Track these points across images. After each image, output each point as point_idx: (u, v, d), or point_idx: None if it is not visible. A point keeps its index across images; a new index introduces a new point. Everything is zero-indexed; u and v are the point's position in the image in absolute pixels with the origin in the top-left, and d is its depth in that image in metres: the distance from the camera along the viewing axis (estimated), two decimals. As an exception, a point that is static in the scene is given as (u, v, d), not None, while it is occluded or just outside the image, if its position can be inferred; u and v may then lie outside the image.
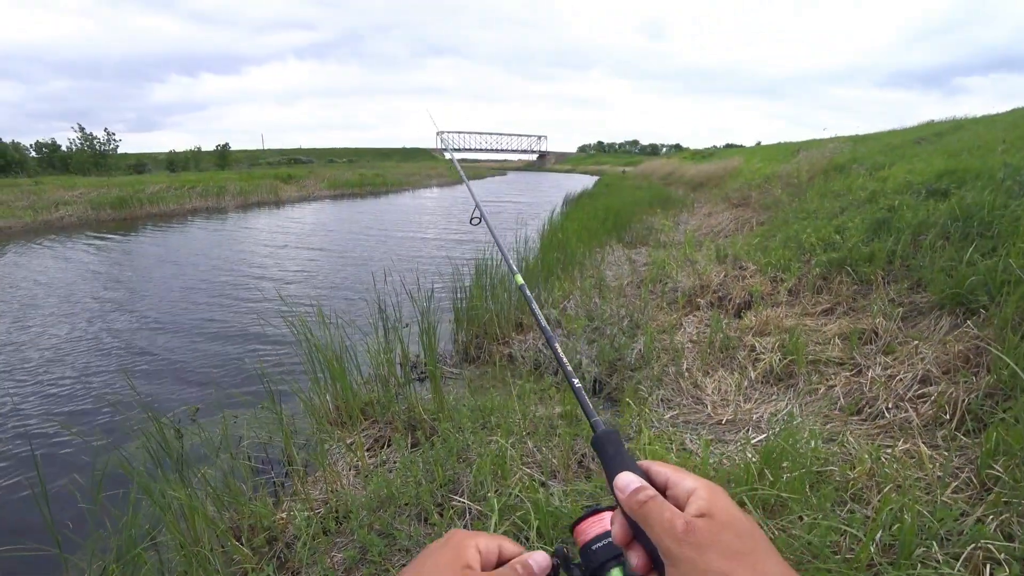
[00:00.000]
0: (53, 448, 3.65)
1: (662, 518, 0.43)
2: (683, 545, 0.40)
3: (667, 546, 0.41)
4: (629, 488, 0.47)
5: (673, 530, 0.41)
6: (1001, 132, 7.63)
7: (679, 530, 0.41)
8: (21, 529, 2.44)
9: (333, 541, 2.29)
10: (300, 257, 10.81)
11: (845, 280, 4.45)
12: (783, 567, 0.40)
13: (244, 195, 22.92)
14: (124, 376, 4.86)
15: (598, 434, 0.56)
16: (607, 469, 0.52)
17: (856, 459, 2.37)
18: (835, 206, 6.34)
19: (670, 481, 0.47)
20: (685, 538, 0.41)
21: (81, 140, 33.49)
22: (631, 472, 0.49)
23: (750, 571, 0.39)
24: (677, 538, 0.41)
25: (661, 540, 0.42)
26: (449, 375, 4.37)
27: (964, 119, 11.80)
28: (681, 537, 0.41)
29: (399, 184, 34.47)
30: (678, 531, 0.41)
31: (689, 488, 0.45)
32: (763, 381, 3.53)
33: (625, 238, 9.39)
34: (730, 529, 0.41)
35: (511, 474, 2.41)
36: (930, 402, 2.77)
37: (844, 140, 14.17)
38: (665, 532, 0.42)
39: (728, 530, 0.41)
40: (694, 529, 0.41)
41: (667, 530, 0.42)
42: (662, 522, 0.43)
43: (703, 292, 5.26)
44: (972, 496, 2.07)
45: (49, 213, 16.54)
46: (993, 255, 3.52)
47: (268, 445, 3.30)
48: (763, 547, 0.41)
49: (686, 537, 0.41)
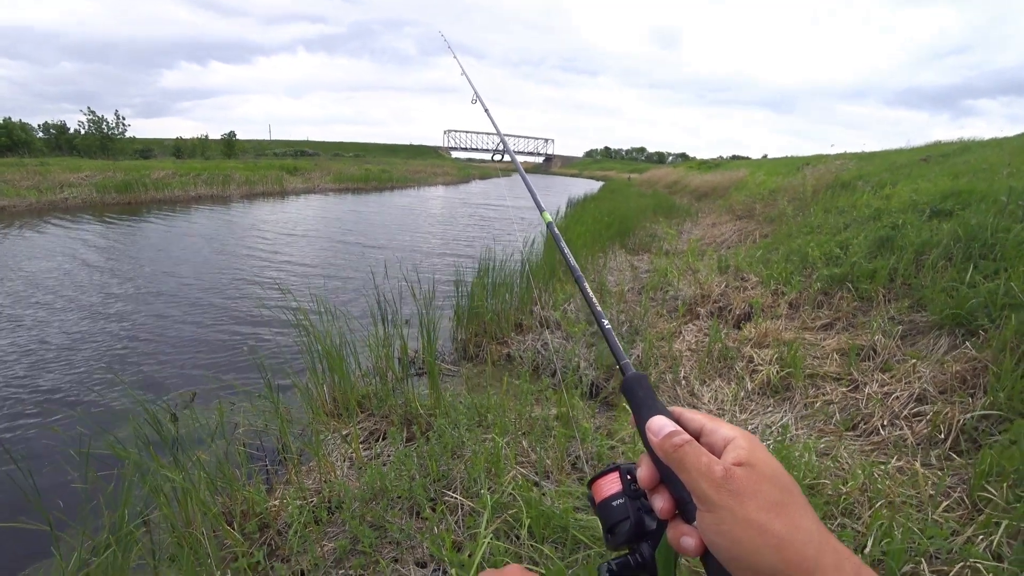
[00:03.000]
0: (45, 428, 3.65)
1: (699, 462, 0.41)
2: (721, 492, 0.39)
3: (704, 491, 0.40)
4: (663, 431, 0.45)
5: (712, 475, 0.40)
6: (1007, 156, 7.64)
7: (718, 475, 0.40)
8: (13, 508, 2.44)
9: (324, 531, 2.30)
10: (302, 248, 10.83)
11: (846, 296, 4.45)
12: (819, 525, 0.39)
13: (249, 185, 22.97)
14: (120, 360, 4.87)
15: (628, 377, 0.54)
16: (637, 413, 0.51)
17: (849, 474, 2.38)
18: (839, 222, 6.35)
19: (705, 428, 0.46)
20: (724, 484, 0.40)
21: (90, 123, 33.57)
22: (662, 416, 0.48)
23: (788, 524, 0.38)
24: (716, 484, 0.40)
25: (698, 484, 0.41)
26: (447, 372, 4.38)
27: (971, 141, 11.81)
28: (720, 483, 0.40)
29: (405, 181, 34.51)
30: (716, 477, 0.40)
31: (726, 436, 0.44)
32: (760, 392, 3.54)
33: (628, 244, 9.41)
34: (769, 480, 0.40)
35: (505, 472, 2.42)
36: (925, 421, 2.77)
37: (850, 157, 14.18)
38: (703, 476, 0.41)
39: (768, 481, 0.40)
40: (733, 476, 0.40)
41: (704, 475, 0.41)
42: (699, 466, 0.41)
43: (703, 301, 5.27)
44: (963, 516, 2.08)
45: (54, 194, 16.56)
46: (995, 278, 3.52)
47: (263, 433, 3.30)
48: (801, 502, 0.40)
49: (725, 484, 0.40)
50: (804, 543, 0.37)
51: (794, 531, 0.38)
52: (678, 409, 0.49)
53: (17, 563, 2.28)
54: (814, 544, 0.37)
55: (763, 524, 0.38)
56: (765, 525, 0.38)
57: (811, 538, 0.38)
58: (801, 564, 0.36)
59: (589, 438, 2.72)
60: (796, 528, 0.38)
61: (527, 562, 1.87)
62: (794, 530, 0.38)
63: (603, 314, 0.67)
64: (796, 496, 0.41)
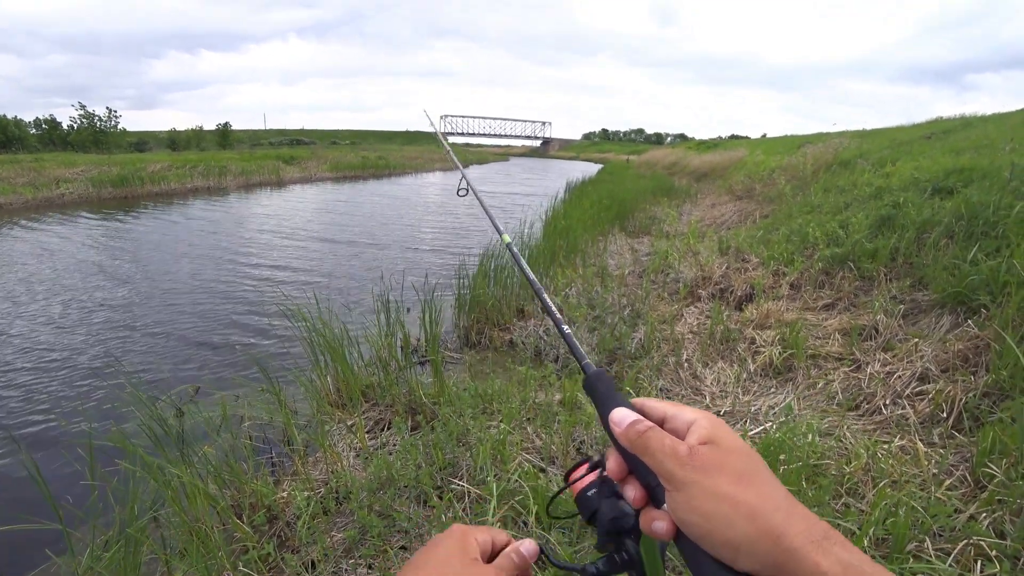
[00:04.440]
0: (51, 426, 3.67)
1: (663, 445, 0.42)
2: (687, 468, 0.40)
3: (670, 470, 0.41)
4: (625, 421, 0.46)
5: (676, 455, 0.41)
6: (1009, 131, 7.57)
7: (683, 454, 0.41)
8: (24, 505, 2.47)
9: (333, 521, 2.32)
10: (302, 239, 10.79)
11: (847, 276, 4.45)
12: (787, 493, 0.40)
13: (246, 175, 22.82)
14: (123, 354, 4.88)
15: (589, 375, 0.55)
16: (600, 408, 0.51)
17: (852, 454, 2.40)
18: (840, 201, 6.32)
19: (667, 415, 0.47)
20: (690, 461, 0.40)
21: (82, 117, 33.22)
22: (625, 407, 0.48)
23: (757, 492, 0.39)
24: (681, 461, 0.40)
25: (663, 465, 0.41)
26: (450, 359, 4.39)
27: (973, 117, 11.70)
28: (685, 460, 0.40)
29: (402, 167, 34.31)
30: (682, 455, 0.41)
31: (688, 419, 0.45)
32: (762, 374, 3.55)
33: (628, 227, 9.38)
34: (735, 453, 0.41)
35: (510, 459, 2.43)
36: (928, 400, 2.78)
37: (851, 135, 14.07)
38: (667, 457, 0.41)
39: (733, 454, 0.41)
40: (698, 453, 0.40)
41: (669, 455, 0.41)
42: (663, 448, 0.42)
43: (705, 283, 5.26)
44: (966, 494, 2.10)
45: (49, 190, 16.44)
46: (997, 255, 3.51)
47: (269, 425, 3.32)
48: (766, 473, 0.41)
49: (691, 460, 0.40)
50: (773, 510, 0.38)
51: (764, 500, 0.38)
52: (640, 400, 0.49)
53: (30, 559, 2.30)
54: (783, 511, 0.38)
55: (733, 495, 0.38)
56: (735, 496, 0.38)
57: (780, 505, 0.38)
58: (772, 531, 0.37)
59: (594, 423, 2.73)
60: (766, 497, 0.39)
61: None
62: (764, 499, 0.38)
63: (562, 320, 0.70)
64: (761, 466, 0.41)
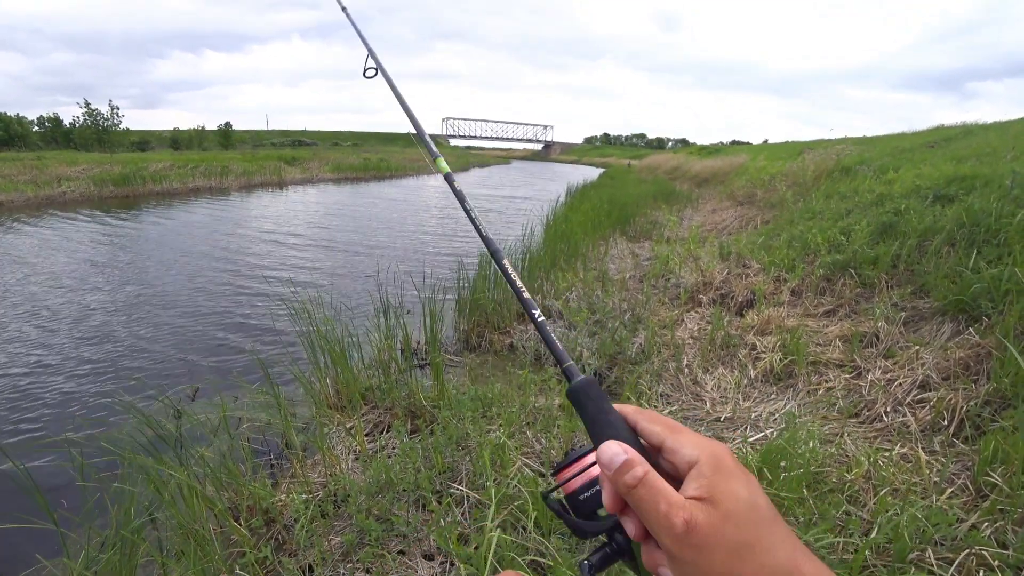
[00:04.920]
0: (47, 426, 3.66)
1: (657, 512, 0.39)
2: (683, 547, 0.37)
3: (666, 544, 0.38)
4: (615, 463, 0.42)
5: (672, 529, 0.38)
6: (1011, 139, 7.58)
7: (678, 530, 0.38)
8: (19, 506, 2.45)
9: (331, 524, 2.31)
10: (303, 240, 10.80)
11: (848, 282, 4.44)
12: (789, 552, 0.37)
13: (247, 176, 22.85)
14: (121, 355, 4.88)
15: (574, 385, 0.48)
16: (589, 428, 0.46)
17: (853, 461, 2.39)
18: (841, 208, 6.31)
19: (666, 445, 0.43)
20: (686, 539, 0.37)
21: (85, 115, 33.32)
22: (615, 441, 0.43)
23: (754, 568, 0.36)
24: (676, 538, 0.38)
25: (658, 536, 0.39)
26: (450, 363, 4.38)
27: (975, 125, 11.71)
28: (682, 538, 0.37)
29: (403, 169, 34.36)
30: (677, 531, 0.38)
31: (689, 458, 0.41)
32: (763, 380, 3.54)
33: (629, 231, 9.38)
34: (733, 520, 0.38)
35: (510, 464, 2.42)
36: (929, 407, 2.77)
37: (852, 141, 14.09)
38: (662, 530, 0.38)
39: (731, 521, 0.38)
40: (695, 528, 0.37)
41: (664, 528, 0.38)
42: (658, 517, 0.39)
43: (706, 289, 5.25)
44: (967, 502, 2.08)
45: (51, 188, 16.47)
46: (998, 263, 3.51)
47: (267, 428, 3.31)
48: (765, 534, 0.38)
49: (687, 538, 0.37)
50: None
51: (760, 573, 0.36)
52: (633, 413, 0.46)
53: (24, 562, 2.29)
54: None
55: (729, 574, 0.36)
56: (733, 574, 0.36)
57: (777, 574, 0.37)
58: None
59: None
60: (762, 568, 0.37)
61: (534, 554, 1.88)
62: (760, 571, 0.36)
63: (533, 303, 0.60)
64: (760, 529, 0.38)
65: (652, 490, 0.40)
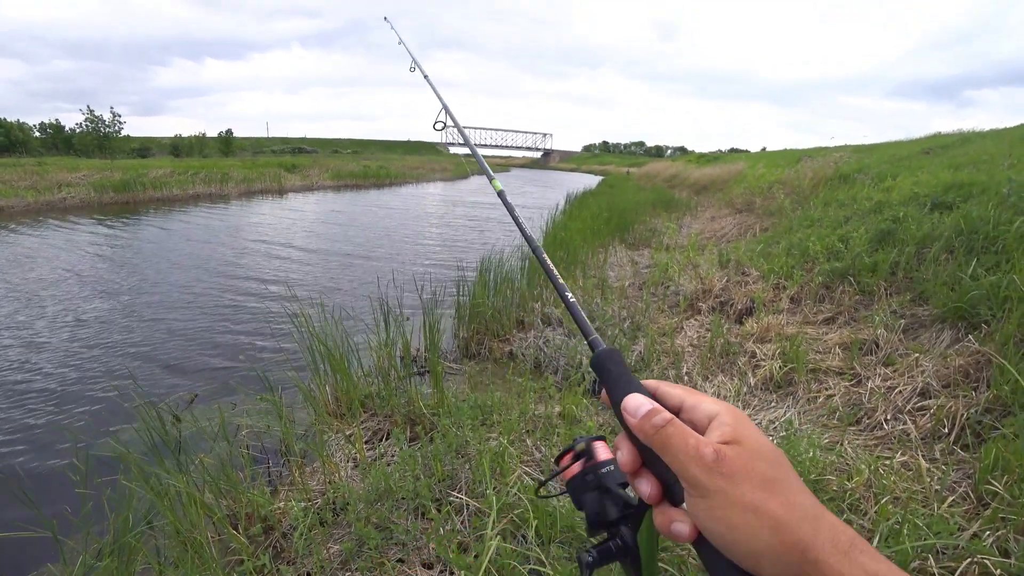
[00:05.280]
0: (45, 433, 3.64)
1: (686, 445, 0.39)
2: (714, 475, 0.37)
3: (694, 475, 0.38)
4: (641, 411, 0.42)
5: (702, 459, 0.38)
6: (1007, 147, 7.62)
7: (709, 459, 0.38)
8: (16, 513, 2.44)
9: (330, 532, 2.30)
10: (302, 247, 10.80)
11: (848, 290, 4.45)
12: (812, 498, 0.38)
13: (248, 183, 22.91)
14: (120, 362, 4.86)
15: (598, 353, 0.50)
16: (611, 391, 0.47)
17: (854, 469, 2.38)
18: (839, 215, 6.34)
19: (685, 404, 0.44)
20: (716, 467, 0.37)
21: (87, 122, 33.42)
22: (640, 394, 0.44)
23: (783, 502, 0.37)
24: (707, 467, 0.37)
25: (687, 469, 0.38)
26: (449, 370, 4.37)
27: (971, 132, 11.78)
28: (712, 467, 0.37)
29: (403, 177, 34.46)
30: (707, 460, 0.38)
31: (709, 411, 0.42)
32: (762, 388, 3.53)
33: (628, 239, 9.39)
34: (761, 457, 0.38)
35: (510, 472, 2.41)
36: (929, 415, 2.77)
37: (850, 149, 14.16)
38: (692, 460, 0.38)
39: (759, 458, 0.38)
40: (725, 457, 0.38)
41: (694, 458, 0.38)
42: (687, 449, 0.39)
43: (705, 296, 5.26)
44: (969, 511, 2.08)
45: (51, 194, 16.51)
46: (997, 270, 3.52)
47: (266, 434, 3.30)
48: (792, 477, 0.39)
49: (717, 467, 0.37)
50: (800, 520, 0.36)
51: (790, 509, 0.36)
52: (654, 382, 0.46)
53: (20, 568, 2.27)
54: (809, 520, 0.36)
55: (758, 505, 0.36)
56: (760, 506, 0.36)
57: (806, 514, 0.37)
58: (798, 543, 0.35)
59: (594, 434, 2.71)
60: (792, 506, 0.37)
61: (534, 563, 1.87)
62: (790, 508, 0.37)
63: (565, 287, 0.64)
64: (787, 470, 0.39)
65: (681, 429, 0.40)
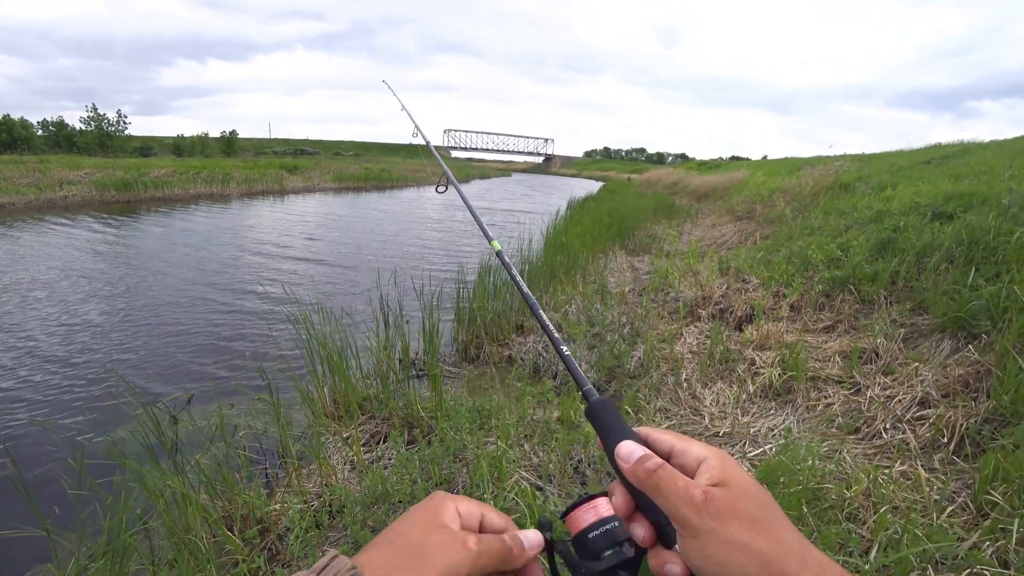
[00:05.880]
0: (41, 432, 3.63)
1: (676, 487, 0.41)
2: (703, 515, 0.39)
3: (685, 516, 0.40)
4: (633, 457, 0.45)
5: (691, 500, 0.40)
6: (1008, 158, 7.64)
7: (698, 500, 0.40)
8: (10, 514, 2.42)
9: (326, 535, 2.28)
10: (302, 249, 10.80)
11: (847, 298, 4.45)
12: (799, 536, 0.40)
13: (249, 183, 22.94)
14: (117, 361, 4.85)
15: (592, 403, 0.53)
16: (605, 439, 0.50)
17: (853, 478, 2.37)
18: (840, 224, 6.34)
19: (675, 449, 0.46)
20: (705, 508, 0.39)
21: (92, 120, 33.50)
22: (633, 441, 0.47)
23: (770, 539, 0.38)
24: (697, 508, 0.40)
25: (678, 510, 0.40)
26: (448, 374, 4.37)
27: (971, 143, 11.82)
28: (701, 507, 0.39)
29: (404, 180, 34.50)
30: (697, 501, 0.40)
31: (698, 456, 0.44)
32: (762, 395, 3.52)
33: (628, 245, 9.40)
34: (748, 497, 0.41)
35: (508, 476, 2.40)
36: (928, 424, 2.76)
37: (850, 158, 14.20)
38: (682, 502, 0.40)
39: (746, 498, 0.40)
40: (713, 499, 0.40)
41: (684, 500, 0.40)
42: (677, 492, 0.41)
43: (705, 303, 5.25)
44: (968, 521, 2.07)
45: (53, 192, 16.52)
46: (997, 281, 3.52)
47: (263, 436, 3.29)
48: (778, 515, 0.41)
49: (706, 507, 0.39)
50: (786, 556, 0.38)
51: (776, 545, 0.38)
52: (645, 429, 0.49)
53: (14, 569, 2.26)
54: (796, 556, 0.38)
55: (746, 543, 0.38)
56: (748, 544, 0.38)
57: (792, 550, 0.38)
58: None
59: (592, 442, 2.70)
60: (778, 542, 0.39)
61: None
62: (776, 544, 0.38)
63: (560, 340, 0.67)
64: (773, 509, 0.41)
65: (670, 472, 0.43)
